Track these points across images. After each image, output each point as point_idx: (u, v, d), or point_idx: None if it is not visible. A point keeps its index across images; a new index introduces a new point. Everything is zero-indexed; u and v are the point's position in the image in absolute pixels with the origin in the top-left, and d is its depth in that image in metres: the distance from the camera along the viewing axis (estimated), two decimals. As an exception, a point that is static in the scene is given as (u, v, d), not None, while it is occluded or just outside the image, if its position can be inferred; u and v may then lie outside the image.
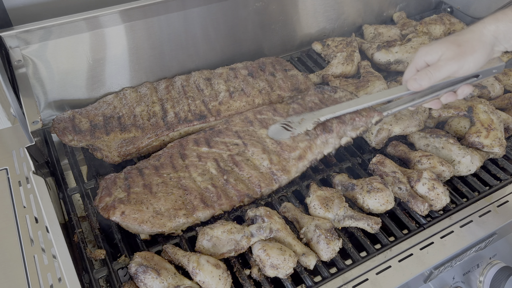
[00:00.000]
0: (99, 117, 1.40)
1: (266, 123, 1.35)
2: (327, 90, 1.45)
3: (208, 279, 0.98)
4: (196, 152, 1.28)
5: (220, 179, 1.21)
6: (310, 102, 1.40)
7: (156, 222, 1.10)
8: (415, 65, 1.15)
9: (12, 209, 1.28)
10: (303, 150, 1.26)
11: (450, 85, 1.17)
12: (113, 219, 1.10)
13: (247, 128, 1.34)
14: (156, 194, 1.15)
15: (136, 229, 1.10)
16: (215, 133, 1.34)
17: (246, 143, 1.29)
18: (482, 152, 1.34)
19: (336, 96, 1.41)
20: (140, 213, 1.10)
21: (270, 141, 1.30)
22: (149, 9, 1.44)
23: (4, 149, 1.47)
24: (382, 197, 1.17)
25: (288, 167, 1.24)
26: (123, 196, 1.14)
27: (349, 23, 1.95)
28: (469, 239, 1.15)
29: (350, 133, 1.30)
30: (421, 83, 1.10)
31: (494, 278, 1.27)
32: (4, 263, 1.15)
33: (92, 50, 1.44)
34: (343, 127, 1.28)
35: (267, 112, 1.39)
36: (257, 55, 1.76)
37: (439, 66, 1.08)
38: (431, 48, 1.10)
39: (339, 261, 1.09)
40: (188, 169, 1.23)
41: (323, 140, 1.27)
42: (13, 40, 1.31)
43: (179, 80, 1.55)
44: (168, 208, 1.13)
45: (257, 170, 1.23)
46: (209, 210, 1.14)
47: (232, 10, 1.61)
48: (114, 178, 1.20)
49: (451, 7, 2.08)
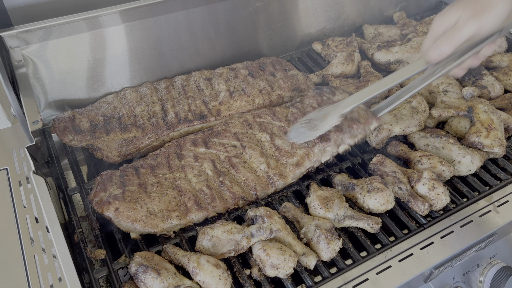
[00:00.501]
0: (99, 117, 1.40)
1: (265, 127, 1.35)
2: (326, 92, 1.44)
3: (208, 279, 0.98)
4: (193, 152, 1.28)
5: (216, 181, 1.21)
6: (308, 106, 1.39)
7: (149, 222, 1.10)
8: (432, 35, 1.06)
9: (12, 209, 1.28)
10: (301, 157, 1.26)
11: (471, 49, 1.08)
12: (106, 215, 1.10)
13: (246, 131, 1.34)
14: (151, 194, 1.15)
15: (128, 227, 1.10)
16: (214, 134, 1.34)
17: (245, 146, 1.29)
18: (482, 152, 1.34)
19: (335, 99, 1.41)
20: (134, 211, 1.10)
21: (269, 145, 1.29)
22: (149, 9, 1.44)
23: (4, 149, 1.47)
24: (382, 197, 1.17)
25: (285, 173, 1.24)
26: (118, 193, 1.14)
27: (349, 23, 1.95)
28: (469, 239, 1.15)
29: (348, 140, 1.29)
30: (441, 50, 1.02)
31: (494, 278, 1.27)
32: (4, 263, 1.15)
33: (92, 50, 1.44)
34: (341, 135, 1.27)
35: (266, 115, 1.39)
36: (257, 55, 1.77)
37: (459, 27, 0.99)
38: (447, 12, 1.02)
39: (339, 261, 1.09)
40: (184, 170, 1.23)
41: (320, 149, 1.27)
42: (13, 40, 1.31)
43: (179, 80, 1.55)
44: (161, 208, 1.12)
45: (253, 173, 1.23)
46: (202, 212, 1.14)
47: (232, 10, 1.61)
48: (110, 174, 1.20)
49: (451, 7, 2.08)
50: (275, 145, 1.29)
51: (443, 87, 1.51)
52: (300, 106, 1.41)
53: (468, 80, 1.60)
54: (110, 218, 1.11)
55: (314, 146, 1.27)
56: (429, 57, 1.06)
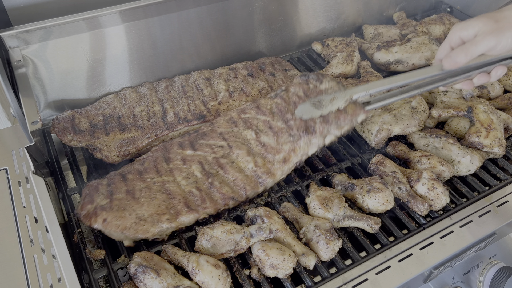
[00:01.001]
0: (99, 117, 1.40)
1: (250, 123, 1.32)
2: (313, 79, 1.36)
3: (208, 279, 0.98)
4: (180, 155, 1.26)
5: (205, 182, 1.19)
6: (294, 95, 1.34)
7: (139, 228, 1.08)
8: (449, 42, 1.09)
9: (12, 209, 1.28)
10: (287, 153, 1.24)
11: (484, 66, 1.11)
12: (95, 227, 1.08)
13: (231, 129, 1.32)
14: (139, 200, 1.13)
15: (119, 236, 1.09)
16: (200, 135, 1.32)
17: (231, 145, 1.27)
18: (482, 152, 1.34)
19: (322, 87, 1.33)
20: (122, 219, 1.08)
21: (255, 143, 1.27)
22: (149, 9, 1.44)
23: (4, 149, 1.47)
24: (382, 197, 1.17)
25: (273, 170, 1.22)
26: (105, 203, 1.11)
27: (349, 23, 1.95)
28: (469, 239, 1.15)
29: (335, 131, 1.24)
30: (456, 60, 1.04)
31: (494, 278, 1.27)
32: (4, 263, 1.15)
33: (92, 50, 1.44)
34: (327, 126, 1.23)
35: (250, 110, 1.36)
36: (257, 55, 1.77)
37: (476, 41, 1.02)
38: (467, 24, 1.05)
39: (338, 261, 1.09)
40: (173, 173, 1.21)
41: (306, 141, 1.24)
42: (13, 40, 1.31)
43: (178, 80, 1.55)
44: (151, 213, 1.11)
45: (242, 173, 1.22)
46: (193, 214, 1.13)
47: (232, 10, 1.61)
48: (96, 185, 1.18)
49: (451, 7, 2.08)
50: (260, 142, 1.27)
51: (443, 87, 1.51)
52: (285, 95, 1.36)
53: (468, 80, 1.60)
54: (99, 230, 1.09)
55: (299, 140, 1.24)
56: (445, 65, 1.07)
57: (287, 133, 1.26)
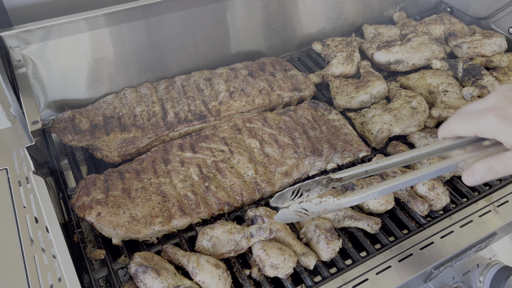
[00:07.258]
0: (99, 117, 1.40)
1: (255, 133, 1.33)
2: (321, 108, 1.45)
3: (208, 279, 0.98)
4: (179, 157, 1.26)
5: (201, 186, 1.19)
6: (302, 118, 1.39)
7: (131, 228, 1.08)
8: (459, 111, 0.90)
9: (12, 209, 1.28)
10: (290, 167, 1.25)
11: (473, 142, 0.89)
12: (88, 220, 1.08)
13: (235, 136, 1.32)
14: (134, 200, 1.14)
15: (110, 233, 1.09)
16: (202, 138, 1.32)
17: (233, 151, 1.27)
18: (482, 152, 1.34)
19: (330, 117, 1.42)
20: (116, 216, 1.08)
21: (258, 152, 1.28)
22: (149, 9, 1.44)
23: (4, 149, 1.47)
24: (382, 197, 1.17)
25: (273, 180, 1.23)
26: (101, 198, 1.12)
27: (349, 23, 1.95)
28: (469, 239, 1.15)
29: (337, 160, 1.31)
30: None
31: (494, 278, 1.27)
32: (4, 263, 1.15)
33: (92, 50, 1.44)
34: (333, 153, 1.29)
35: (256, 121, 1.37)
36: (257, 55, 1.77)
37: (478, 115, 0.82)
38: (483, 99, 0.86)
39: (339, 261, 1.09)
40: (170, 175, 1.21)
41: (310, 162, 1.27)
42: (13, 40, 1.31)
43: (179, 80, 1.55)
44: (145, 214, 1.11)
45: (240, 179, 1.22)
46: (186, 219, 1.13)
47: (232, 10, 1.61)
48: (94, 178, 1.19)
49: (451, 7, 2.08)
50: (264, 152, 1.28)
51: (443, 87, 1.51)
52: (293, 115, 1.40)
53: (468, 80, 1.60)
54: (92, 223, 1.09)
55: (305, 158, 1.27)
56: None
57: (293, 149, 1.29)
